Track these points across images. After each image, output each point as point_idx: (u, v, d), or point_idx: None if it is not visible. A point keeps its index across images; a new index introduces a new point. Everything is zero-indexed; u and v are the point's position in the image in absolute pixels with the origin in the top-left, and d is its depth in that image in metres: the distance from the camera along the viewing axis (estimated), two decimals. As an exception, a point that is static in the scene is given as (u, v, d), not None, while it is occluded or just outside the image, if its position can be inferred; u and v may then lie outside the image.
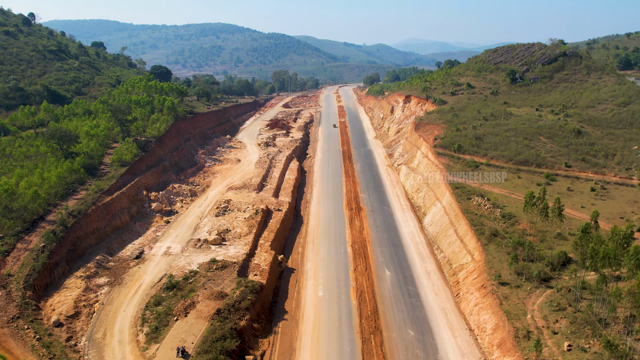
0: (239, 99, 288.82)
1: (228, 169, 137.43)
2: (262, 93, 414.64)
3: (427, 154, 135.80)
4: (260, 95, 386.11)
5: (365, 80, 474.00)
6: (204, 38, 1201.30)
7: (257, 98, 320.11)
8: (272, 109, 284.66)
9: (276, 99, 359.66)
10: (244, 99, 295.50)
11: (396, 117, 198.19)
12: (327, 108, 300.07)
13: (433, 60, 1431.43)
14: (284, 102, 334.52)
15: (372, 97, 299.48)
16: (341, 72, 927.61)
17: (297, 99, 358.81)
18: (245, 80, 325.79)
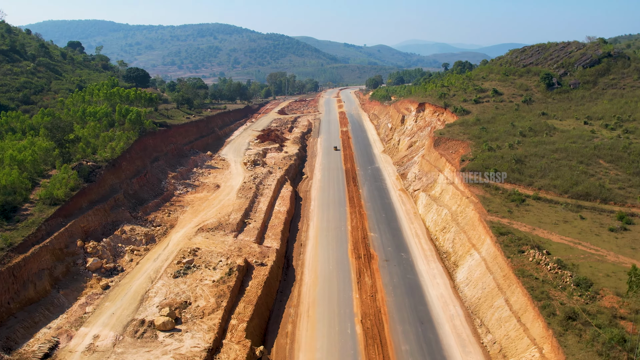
0: (228, 105, 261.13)
1: (202, 199, 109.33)
2: (257, 97, 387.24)
3: (454, 179, 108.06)
4: (255, 99, 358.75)
5: (367, 83, 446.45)
6: (201, 39, 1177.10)
7: (250, 103, 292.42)
8: (266, 116, 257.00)
9: (272, 104, 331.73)
10: (235, 105, 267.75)
11: (408, 128, 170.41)
12: (327, 114, 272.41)
13: (435, 61, 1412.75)
14: (280, 107, 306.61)
15: (376, 102, 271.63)
16: (341, 74, 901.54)
17: (294, 104, 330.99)
18: (237, 84, 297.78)
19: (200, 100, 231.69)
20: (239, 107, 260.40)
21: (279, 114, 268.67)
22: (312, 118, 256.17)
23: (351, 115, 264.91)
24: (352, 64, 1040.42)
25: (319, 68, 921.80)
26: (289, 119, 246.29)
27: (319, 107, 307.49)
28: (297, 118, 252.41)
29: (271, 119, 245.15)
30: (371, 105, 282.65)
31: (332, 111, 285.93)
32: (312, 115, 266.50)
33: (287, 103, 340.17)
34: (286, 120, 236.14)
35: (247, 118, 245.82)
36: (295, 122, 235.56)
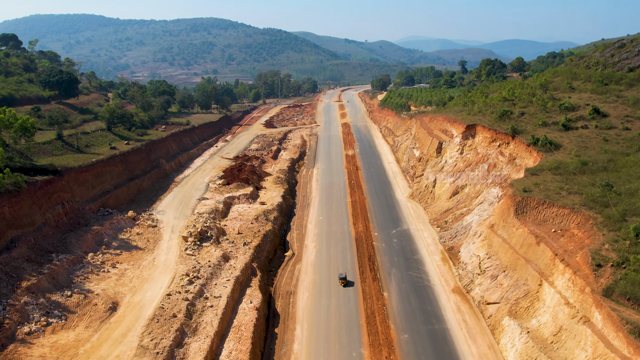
0: (201, 115, 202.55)
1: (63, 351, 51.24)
2: (245, 100, 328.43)
3: (586, 309, 49.88)
4: (242, 103, 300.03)
5: (374, 84, 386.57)
6: (195, 34, 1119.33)
7: (229, 112, 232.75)
8: (247, 131, 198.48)
9: (260, 110, 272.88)
10: (208, 115, 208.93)
11: (448, 162, 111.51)
12: (326, 127, 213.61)
13: (439, 57, 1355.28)
14: (269, 115, 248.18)
15: (390, 111, 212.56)
16: (342, 71, 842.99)
17: (287, 111, 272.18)
18: (212, 87, 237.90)
19: (159, 112, 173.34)
20: (213, 118, 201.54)
21: (265, 127, 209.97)
22: (308, 133, 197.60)
23: (357, 130, 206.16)
24: (354, 60, 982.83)
25: (318, 65, 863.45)
26: (276, 135, 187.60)
27: (317, 116, 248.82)
28: (288, 134, 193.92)
29: (253, 135, 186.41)
30: (382, 115, 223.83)
31: (333, 122, 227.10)
32: (308, 129, 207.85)
33: (279, 109, 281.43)
34: (272, 139, 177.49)
35: (220, 135, 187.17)
36: (285, 141, 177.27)
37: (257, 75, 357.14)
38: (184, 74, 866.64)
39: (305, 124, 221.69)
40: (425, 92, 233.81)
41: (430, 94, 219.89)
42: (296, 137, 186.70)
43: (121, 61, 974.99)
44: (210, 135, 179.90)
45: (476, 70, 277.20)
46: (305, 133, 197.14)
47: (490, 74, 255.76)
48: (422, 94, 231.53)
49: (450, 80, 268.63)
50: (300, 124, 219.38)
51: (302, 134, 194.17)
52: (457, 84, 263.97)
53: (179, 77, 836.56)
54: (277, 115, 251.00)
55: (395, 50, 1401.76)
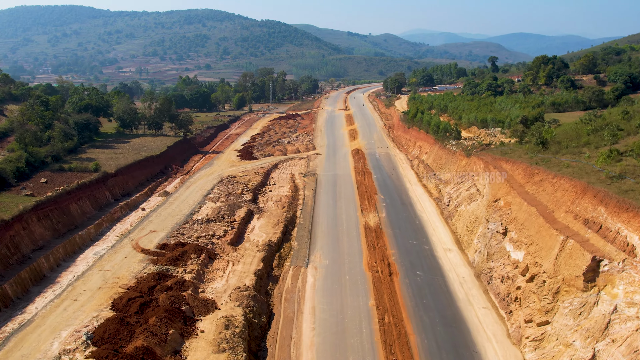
0: (137, 143, 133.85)
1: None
2: (228, 105, 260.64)
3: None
4: (221, 111, 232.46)
5: (388, 85, 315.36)
6: (189, 26, 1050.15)
7: (190, 134, 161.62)
8: (209, 169, 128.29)
9: (241, 124, 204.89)
10: (156, 140, 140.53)
11: (624, 314, 45.06)
12: (330, 158, 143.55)
13: (445, 52, 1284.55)
14: (251, 134, 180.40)
15: (423, 134, 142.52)
16: (346, 66, 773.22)
17: (277, 125, 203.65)
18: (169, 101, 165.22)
19: (60, 146, 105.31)
20: (160, 145, 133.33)
21: (240, 158, 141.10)
22: (302, 170, 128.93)
23: (377, 163, 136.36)
24: (358, 55, 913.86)
25: (319, 60, 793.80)
26: (252, 176, 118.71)
27: (317, 135, 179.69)
28: (271, 172, 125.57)
29: (216, 178, 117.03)
30: (410, 137, 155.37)
31: (340, 148, 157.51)
32: (303, 161, 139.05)
33: (267, 122, 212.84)
34: (243, 187, 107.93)
35: (164, 177, 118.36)
36: (264, 190, 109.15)
37: (242, 76, 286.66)
38: (175, 69, 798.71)
39: (300, 150, 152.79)
40: (471, 105, 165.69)
41: (484, 107, 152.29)
42: (283, 181, 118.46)
43: (109, 55, 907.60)
44: (146, 180, 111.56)
45: (529, 72, 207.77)
46: (298, 170, 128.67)
47: (551, 76, 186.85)
48: (465, 107, 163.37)
49: (494, 85, 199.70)
50: (293, 151, 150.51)
51: (294, 173, 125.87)
52: (505, 89, 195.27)
53: (169, 73, 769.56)
54: (263, 134, 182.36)
55: (400, 43, 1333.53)
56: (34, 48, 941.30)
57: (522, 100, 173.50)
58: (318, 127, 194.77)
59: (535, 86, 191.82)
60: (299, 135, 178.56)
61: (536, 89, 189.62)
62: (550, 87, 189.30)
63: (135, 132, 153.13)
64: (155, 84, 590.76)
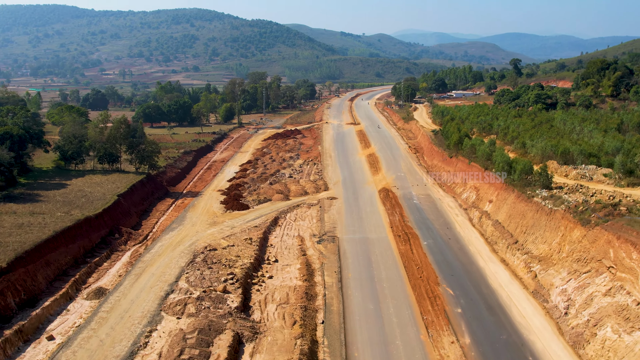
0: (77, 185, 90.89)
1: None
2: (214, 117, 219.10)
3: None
4: (205, 124, 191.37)
5: (400, 92, 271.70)
6: (176, 26, 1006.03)
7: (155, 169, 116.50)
8: (173, 236, 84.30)
9: (229, 143, 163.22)
10: (109, 178, 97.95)
11: None
12: (350, 205, 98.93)
13: (441, 52, 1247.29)
14: (239, 162, 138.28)
15: (481, 169, 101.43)
16: (341, 68, 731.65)
17: (273, 146, 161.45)
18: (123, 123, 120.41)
19: None
20: (117, 187, 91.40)
21: (223, 209, 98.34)
22: (312, 229, 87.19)
23: (425, 223, 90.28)
24: (353, 55, 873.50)
25: (313, 61, 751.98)
26: (239, 249, 76.12)
27: (326, 165, 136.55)
28: (269, 234, 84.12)
29: (184, 253, 75.15)
30: (456, 170, 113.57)
31: (361, 190, 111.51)
32: (312, 212, 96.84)
33: (259, 143, 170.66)
34: (224, 277, 66.13)
35: (104, 255, 74.60)
36: (256, 281, 67.69)
37: (229, 83, 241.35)
38: (161, 71, 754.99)
39: (308, 190, 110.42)
40: (524, 123, 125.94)
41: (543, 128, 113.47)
42: (288, 252, 77.33)
43: (92, 57, 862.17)
44: (72, 264, 69.36)
45: (589, 80, 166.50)
46: (309, 230, 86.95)
47: (618, 85, 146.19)
48: (518, 126, 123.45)
49: (543, 96, 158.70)
50: (298, 193, 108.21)
51: (303, 236, 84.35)
52: (558, 101, 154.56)
53: (155, 75, 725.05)
54: (255, 161, 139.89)
55: (394, 44, 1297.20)
56: (14, 49, 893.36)
57: (592, 117, 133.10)
58: (326, 150, 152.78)
59: (597, 98, 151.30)
60: (303, 163, 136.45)
61: (600, 102, 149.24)
62: (619, 99, 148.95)
63: (82, 167, 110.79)
64: (138, 87, 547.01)
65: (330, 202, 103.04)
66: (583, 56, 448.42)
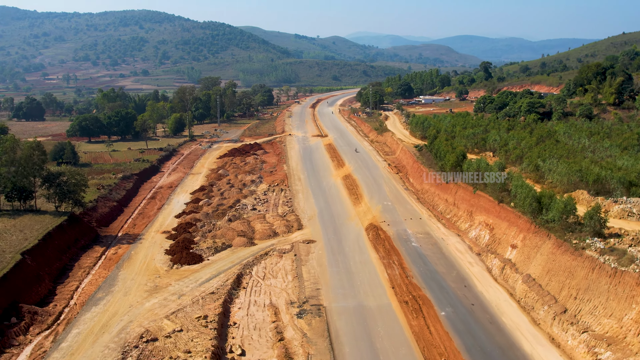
0: None
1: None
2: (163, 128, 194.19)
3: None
4: (152, 138, 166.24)
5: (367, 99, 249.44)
6: (124, 28, 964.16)
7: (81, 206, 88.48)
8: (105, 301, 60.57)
9: (177, 166, 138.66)
10: (21, 223, 72.24)
11: None
12: (333, 252, 76.08)
13: (396, 54, 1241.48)
14: (191, 186, 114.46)
15: (509, 213, 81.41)
16: (297, 71, 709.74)
17: (229, 166, 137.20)
18: (30, 147, 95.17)
19: None
20: (27, 239, 66.89)
21: (168, 263, 74.76)
22: (288, 293, 65.35)
23: (434, 278, 67.71)
24: (308, 58, 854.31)
25: (268, 64, 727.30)
26: (190, 335, 54.39)
27: (296, 192, 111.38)
28: (230, 304, 61.94)
29: (111, 350, 52.58)
30: (456, 199, 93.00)
31: (344, 227, 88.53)
32: (286, 264, 74.45)
33: (214, 161, 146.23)
34: None
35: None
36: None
37: (178, 90, 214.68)
38: (109, 76, 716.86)
39: (277, 230, 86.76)
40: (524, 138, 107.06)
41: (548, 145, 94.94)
42: (259, 337, 55.23)
43: (35, 61, 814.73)
44: None
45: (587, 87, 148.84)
46: (285, 297, 64.04)
47: (621, 92, 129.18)
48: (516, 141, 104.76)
49: (537, 105, 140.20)
50: (265, 234, 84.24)
51: (277, 305, 61.59)
52: (554, 111, 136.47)
53: (102, 80, 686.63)
54: (210, 187, 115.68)
55: (349, 46, 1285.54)
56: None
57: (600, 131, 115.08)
58: (293, 170, 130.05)
59: (598, 107, 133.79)
60: (268, 189, 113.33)
61: (601, 111, 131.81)
62: (622, 107, 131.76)
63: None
64: (83, 93, 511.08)
65: (307, 247, 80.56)
66: (545, 58, 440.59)
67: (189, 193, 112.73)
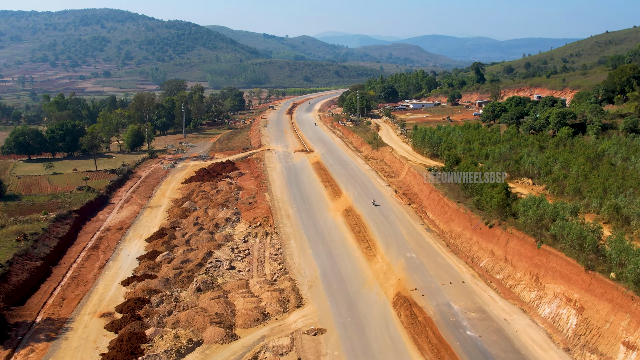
0: None
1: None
2: (118, 141, 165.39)
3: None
4: (107, 155, 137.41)
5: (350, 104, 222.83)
6: (85, 28, 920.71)
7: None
8: None
9: (132, 194, 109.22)
10: None
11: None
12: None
13: (366, 54, 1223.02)
14: (147, 228, 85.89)
15: (615, 291, 57.27)
16: (267, 72, 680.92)
17: (197, 195, 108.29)
18: None
19: None
20: None
21: None
22: None
23: None
24: (278, 58, 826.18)
25: (237, 65, 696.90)
26: None
27: (287, 239, 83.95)
28: None
29: None
30: (514, 256, 68.12)
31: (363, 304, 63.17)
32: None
33: (178, 188, 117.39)
34: None
35: None
36: None
37: (135, 98, 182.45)
38: (68, 78, 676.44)
39: (267, 310, 59.83)
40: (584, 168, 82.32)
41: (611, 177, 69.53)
42: None
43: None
44: None
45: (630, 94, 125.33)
46: None
47: None
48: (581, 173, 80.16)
49: (569, 116, 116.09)
50: (249, 319, 58.02)
51: None
52: (594, 124, 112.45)
53: (61, 82, 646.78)
54: (172, 229, 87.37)
55: (319, 46, 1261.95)
56: None
57: None
58: (278, 202, 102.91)
59: None
60: (248, 234, 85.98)
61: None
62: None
63: None
64: (38, 96, 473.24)
65: (314, 343, 54.00)
66: (528, 58, 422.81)
67: (144, 240, 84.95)
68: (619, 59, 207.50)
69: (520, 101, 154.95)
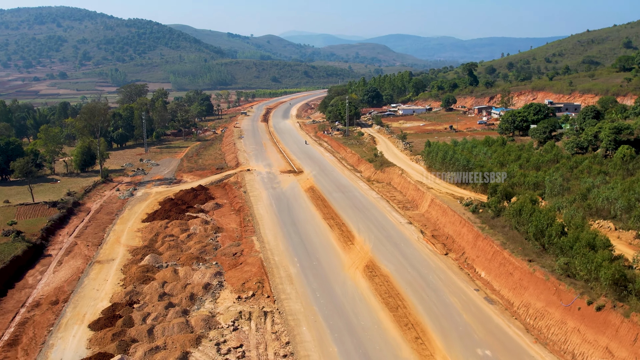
0: None
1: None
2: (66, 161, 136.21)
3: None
4: (51, 180, 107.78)
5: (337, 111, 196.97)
6: (40, 26, 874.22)
7: None
8: None
9: (76, 241, 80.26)
10: None
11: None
12: None
13: (332, 54, 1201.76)
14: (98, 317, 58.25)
15: None
16: (233, 72, 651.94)
17: (164, 242, 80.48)
18: None
19: None
20: None
21: None
22: None
23: None
24: (244, 58, 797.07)
25: (201, 65, 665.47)
26: None
27: (296, 329, 61.38)
28: None
29: None
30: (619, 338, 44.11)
31: None
32: None
33: (133, 235, 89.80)
34: None
35: None
36: None
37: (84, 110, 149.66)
38: (21, 79, 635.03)
39: None
40: None
41: None
42: None
43: None
44: None
45: None
46: None
47: None
48: None
49: (625, 131, 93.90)
50: None
51: None
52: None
53: (14, 84, 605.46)
54: (130, 307, 61.19)
55: (284, 45, 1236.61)
56: None
57: None
58: (272, 254, 76.59)
59: None
60: (240, 314, 59.99)
61: None
62: None
63: None
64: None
65: None
66: (510, 57, 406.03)
67: (87, 326, 58.14)
68: (627, 60, 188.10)
69: (539, 109, 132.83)
